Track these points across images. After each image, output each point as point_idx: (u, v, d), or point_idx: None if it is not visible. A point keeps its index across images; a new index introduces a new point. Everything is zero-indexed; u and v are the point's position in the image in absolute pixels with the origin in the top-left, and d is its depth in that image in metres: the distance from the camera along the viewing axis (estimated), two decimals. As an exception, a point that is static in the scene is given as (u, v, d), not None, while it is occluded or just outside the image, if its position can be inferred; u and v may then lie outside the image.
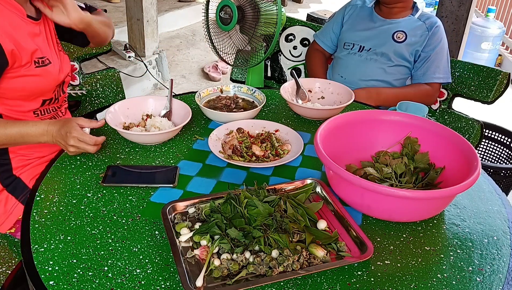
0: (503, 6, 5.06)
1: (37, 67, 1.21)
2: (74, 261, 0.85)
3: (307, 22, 2.20)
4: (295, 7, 6.57)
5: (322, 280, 0.84)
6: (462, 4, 2.47)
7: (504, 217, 1.05)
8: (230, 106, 1.48)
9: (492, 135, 2.20)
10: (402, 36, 1.85)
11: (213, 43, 1.90)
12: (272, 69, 2.31)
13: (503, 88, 1.73)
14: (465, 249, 0.94)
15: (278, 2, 1.70)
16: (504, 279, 0.87)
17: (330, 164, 0.96)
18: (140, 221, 0.97)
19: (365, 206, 0.99)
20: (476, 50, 4.45)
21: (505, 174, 1.87)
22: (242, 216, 0.92)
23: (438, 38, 1.82)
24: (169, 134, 1.24)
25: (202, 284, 0.80)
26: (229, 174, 1.15)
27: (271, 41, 1.75)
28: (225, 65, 4.02)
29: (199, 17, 2.08)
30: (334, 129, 1.13)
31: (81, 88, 1.82)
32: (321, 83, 1.62)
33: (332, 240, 0.90)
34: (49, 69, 1.25)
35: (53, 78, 1.27)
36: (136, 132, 1.26)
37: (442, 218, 1.03)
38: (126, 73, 3.38)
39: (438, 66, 1.81)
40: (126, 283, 0.81)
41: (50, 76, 1.26)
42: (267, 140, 1.26)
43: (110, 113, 1.29)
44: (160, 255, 0.88)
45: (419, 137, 1.15)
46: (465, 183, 0.90)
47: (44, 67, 1.23)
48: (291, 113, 1.50)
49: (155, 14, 3.62)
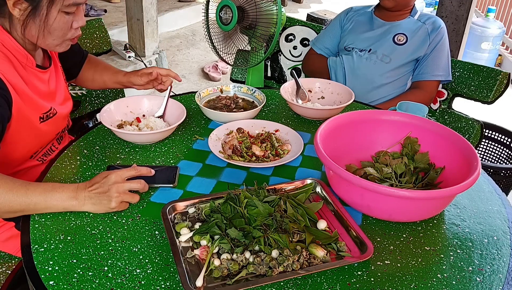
0: (503, 6, 5.06)
1: (42, 122, 1.18)
2: (74, 261, 0.85)
3: (307, 22, 2.20)
4: (295, 7, 6.57)
5: (322, 280, 0.84)
6: (462, 4, 2.47)
7: (504, 217, 1.05)
8: (230, 106, 1.48)
9: (492, 135, 2.20)
10: (402, 38, 1.85)
11: (213, 43, 1.90)
12: (272, 69, 2.31)
13: (503, 88, 1.73)
14: (465, 249, 0.94)
15: (278, 2, 1.70)
16: (504, 279, 0.87)
17: (330, 164, 0.96)
18: (140, 221, 0.97)
19: (365, 206, 0.99)
20: (476, 50, 4.45)
21: (505, 174, 1.87)
22: (242, 216, 0.92)
23: (439, 38, 1.82)
24: (162, 134, 1.24)
25: (202, 284, 0.80)
26: (229, 174, 1.15)
27: (271, 41, 1.75)
28: (225, 65, 4.02)
29: (199, 17, 2.08)
30: (334, 129, 1.13)
31: (81, 88, 1.82)
32: (321, 83, 1.62)
33: (332, 240, 0.90)
34: (55, 120, 1.23)
35: (57, 126, 1.26)
36: (129, 131, 1.26)
37: (442, 218, 1.03)
38: (126, 73, 3.37)
39: (438, 63, 1.82)
40: (126, 283, 0.81)
41: (55, 124, 1.25)
42: (267, 140, 1.26)
43: (105, 112, 1.30)
44: (160, 255, 0.88)
45: (419, 137, 1.15)
46: (465, 183, 0.90)
47: (49, 120, 1.20)
48: (291, 113, 1.50)
49: (155, 14, 3.62)
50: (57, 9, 1.05)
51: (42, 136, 1.21)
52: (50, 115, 1.20)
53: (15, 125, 1.09)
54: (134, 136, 1.24)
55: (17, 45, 1.10)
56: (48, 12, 1.05)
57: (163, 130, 1.23)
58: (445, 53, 1.83)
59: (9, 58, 1.08)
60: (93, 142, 1.26)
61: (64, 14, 1.07)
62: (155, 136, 1.24)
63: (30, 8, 1.04)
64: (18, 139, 1.12)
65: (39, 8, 1.04)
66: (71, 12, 1.09)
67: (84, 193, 0.95)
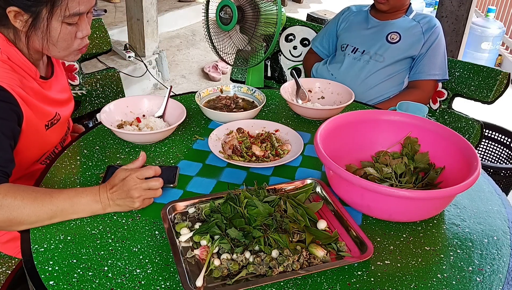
0: (503, 6, 5.06)
1: (48, 129, 1.18)
2: (74, 261, 0.85)
3: (307, 22, 2.21)
4: (295, 7, 6.57)
5: (322, 280, 0.84)
6: (462, 4, 2.47)
7: (504, 217, 1.05)
8: (230, 106, 1.48)
9: (492, 135, 2.20)
10: (396, 37, 1.85)
11: (213, 43, 1.90)
12: (272, 69, 2.30)
13: (503, 88, 1.73)
14: (465, 249, 0.94)
15: (278, 2, 1.70)
16: (504, 279, 0.87)
17: (330, 164, 0.96)
18: (140, 221, 0.97)
19: (365, 206, 0.99)
20: (476, 50, 4.45)
21: (505, 174, 1.86)
22: (242, 216, 0.92)
23: (434, 38, 1.82)
24: (162, 134, 1.24)
25: (202, 284, 0.80)
26: (229, 174, 1.15)
27: (271, 41, 1.74)
28: (225, 65, 4.02)
29: (199, 17, 2.08)
30: (334, 129, 1.13)
31: (81, 88, 1.82)
32: (321, 83, 1.62)
33: (332, 240, 0.90)
34: (59, 125, 1.23)
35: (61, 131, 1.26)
36: (128, 131, 1.26)
37: (442, 218, 1.03)
38: (126, 73, 3.38)
39: (434, 63, 1.82)
40: (126, 283, 0.81)
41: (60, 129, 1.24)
42: (267, 140, 1.26)
43: (105, 112, 1.30)
44: (160, 255, 0.88)
45: (419, 137, 1.15)
46: (465, 183, 0.90)
47: (54, 126, 1.20)
48: (291, 113, 1.50)
49: (155, 14, 3.62)
50: (58, 20, 1.04)
51: (48, 142, 1.21)
52: (54, 121, 1.20)
53: (25, 134, 1.09)
54: (134, 136, 1.24)
55: (23, 58, 1.09)
56: (49, 24, 1.03)
57: (163, 130, 1.23)
58: (441, 52, 1.84)
59: (16, 71, 1.07)
60: (93, 142, 1.26)
61: (66, 25, 1.05)
62: (155, 136, 1.24)
63: (31, 19, 1.03)
64: (27, 147, 1.12)
65: (39, 20, 1.03)
66: (74, 23, 1.07)
67: (107, 195, 0.95)
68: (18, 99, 1.03)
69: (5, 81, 1.01)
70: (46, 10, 1.01)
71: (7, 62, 1.06)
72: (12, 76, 1.05)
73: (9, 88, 1.01)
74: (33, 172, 1.21)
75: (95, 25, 1.83)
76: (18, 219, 0.90)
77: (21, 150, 1.10)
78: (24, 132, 1.08)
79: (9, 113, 1.01)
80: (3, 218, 0.89)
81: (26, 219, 0.90)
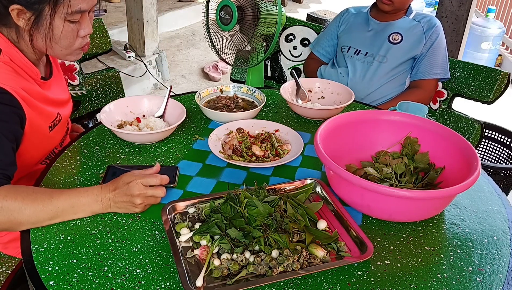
0: (503, 6, 5.06)
1: (51, 130, 1.18)
2: (74, 261, 0.85)
3: (307, 22, 2.20)
4: (295, 7, 6.57)
5: (322, 280, 0.84)
6: (462, 4, 2.47)
7: (504, 217, 1.05)
8: (230, 106, 1.48)
9: (492, 135, 2.20)
10: (398, 37, 1.85)
11: (213, 43, 1.90)
12: (272, 69, 2.30)
13: (503, 88, 1.73)
14: (465, 249, 0.94)
15: (278, 2, 1.70)
16: (504, 279, 0.87)
17: (330, 164, 0.96)
18: (140, 221, 0.97)
19: (365, 206, 0.99)
20: (476, 50, 4.45)
21: (505, 174, 1.86)
22: (242, 216, 0.92)
23: (435, 37, 1.82)
24: (162, 134, 1.24)
25: (202, 284, 0.80)
26: (229, 174, 1.15)
27: (271, 41, 1.74)
28: (225, 65, 4.02)
29: (199, 17, 2.08)
30: (334, 129, 1.13)
31: (81, 88, 1.82)
32: (321, 83, 1.62)
33: (332, 240, 0.90)
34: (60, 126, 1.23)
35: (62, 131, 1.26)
36: (128, 131, 1.26)
37: (442, 218, 1.03)
38: (126, 73, 3.38)
39: (436, 62, 1.82)
40: (126, 283, 0.81)
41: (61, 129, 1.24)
42: (267, 140, 1.26)
43: (105, 112, 1.30)
44: (160, 255, 0.88)
45: (419, 137, 1.15)
46: (465, 183, 0.90)
47: (56, 127, 1.20)
48: (291, 113, 1.50)
49: (155, 14, 3.62)
50: (61, 17, 1.04)
51: (50, 143, 1.21)
52: (56, 122, 1.20)
53: (29, 136, 1.09)
54: (134, 136, 1.24)
55: (25, 59, 1.09)
56: (51, 21, 1.03)
57: (163, 130, 1.23)
58: (442, 51, 1.84)
59: (18, 73, 1.07)
60: (93, 142, 1.26)
61: (69, 22, 1.06)
62: (155, 136, 1.24)
63: (33, 17, 1.02)
64: (31, 148, 1.12)
65: (42, 17, 1.02)
66: (76, 21, 1.07)
67: (108, 196, 0.96)
68: (21, 101, 1.03)
69: (7, 84, 1.01)
70: (49, 7, 1.01)
71: (9, 64, 1.05)
72: (14, 78, 1.05)
73: (11, 91, 1.01)
74: (34, 172, 1.21)
75: (95, 25, 1.83)
76: (18, 220, 0.90)
77: (25, 151, 1.10)
78: (28, 134, 1.08)
79: (12, 116, 1.01)
80: (4, 219, 0.89)
81: (26, 220, 0.91)
